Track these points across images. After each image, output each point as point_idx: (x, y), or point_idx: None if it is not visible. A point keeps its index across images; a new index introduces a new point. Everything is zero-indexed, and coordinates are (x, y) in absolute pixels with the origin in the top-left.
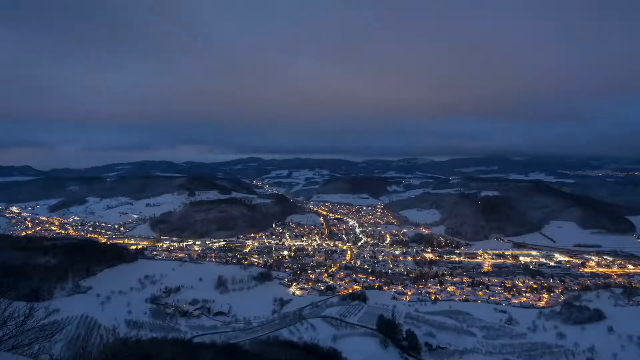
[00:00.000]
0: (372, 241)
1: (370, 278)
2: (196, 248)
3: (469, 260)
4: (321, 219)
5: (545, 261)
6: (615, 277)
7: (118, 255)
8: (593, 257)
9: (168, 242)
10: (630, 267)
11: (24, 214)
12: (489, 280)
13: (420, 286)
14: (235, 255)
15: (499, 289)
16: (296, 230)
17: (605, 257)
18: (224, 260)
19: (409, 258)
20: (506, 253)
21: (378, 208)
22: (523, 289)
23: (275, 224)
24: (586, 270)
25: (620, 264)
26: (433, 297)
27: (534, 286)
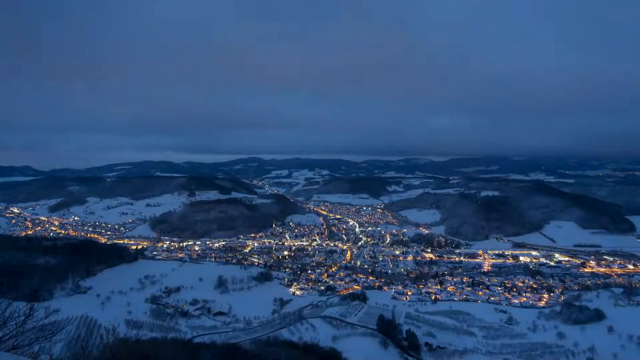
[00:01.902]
0: (372, 241)
1: (370, 278)
2: (196, 248)
3: (469, 260)
4: (321, 219)
5: (545, 261)
6: (615, 277)
7: (118, 256)
8: (593, 257)
9: (168, 242)
10: (630, 267)
11: (24, 214)
12: (489, 280)
13: (420, 286)
14: (236, 256)
15: (499, 289)
16: (296, 230)
17: (605, 257)
18: (224, 260)
19: (409, 258)
20: (506, 253)
21: (378, 208)
22: (523, 289)
23: (275, 224)
24: (586, 270)
25: (620, 264)
26: (433, 297)
27: (534, 286)
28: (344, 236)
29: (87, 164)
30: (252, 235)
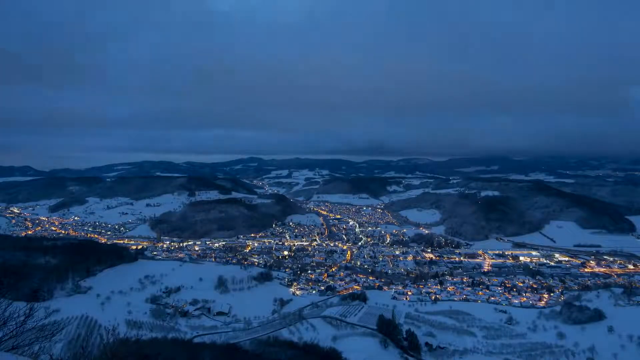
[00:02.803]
0: (372, 241)
1: (370, 278)
2: (196, 248)
3: (469, 260)
4: (321, 219)
5: (545, 261)
6: (615, 277)
7: (118, 256)
8: (593, 257)
9: (168, 242)
10: (630, 267)
11: (24, 214)
12: (489, 280)
13: (421, 286)
14: (236, 256)
15: (499, 289)
16: (296, 230)
17: (605, 257)
18: (224, 260)
19: (409, 258)
20: (506, 253)
21: (378, 208)
22: (523, 289)
23: (275, 224)
24: (586, 270)
25: (620, 264)
26: (433, 297)
27: (534, 286)
28: (344, 236)
29: (87, 164)
30: (252, 235)
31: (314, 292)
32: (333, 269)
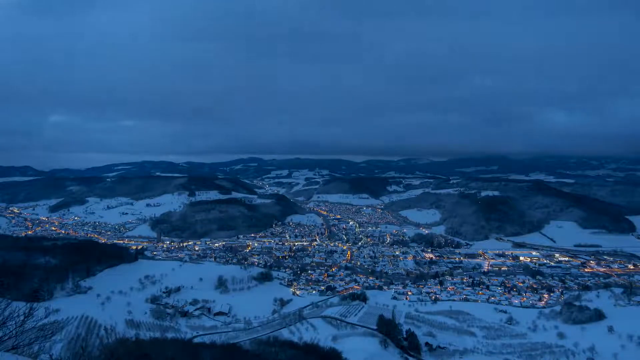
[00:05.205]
0: (372, 241)
1: (371, 278)
2: (196, 248)
3: (469, 260)
4: (321, 219)
5: (545, 261)
6: (615, 277)
7: (118, 255)
8: (593, 257)
9: (168, 242)
10: (631, 267)
11: (24, 214)
12: (489, 280)
13: (421, 286)
14: (236, 256)
15: (499, 289)
16: (296, 230)
17: (605, 257)
18: (224, 260)
19: (409, 258)
20: (506, 253)
21: (378, 208)
22: (523, 289)
23: (275, 224)
24: (586, 270)
25: (620, 264)
26: (433, 297)
27: (534, 286)
28: (344, 236)
29: (87, 164)
30: (252, 235)
31: (314, 292)
32: (333, 269)
